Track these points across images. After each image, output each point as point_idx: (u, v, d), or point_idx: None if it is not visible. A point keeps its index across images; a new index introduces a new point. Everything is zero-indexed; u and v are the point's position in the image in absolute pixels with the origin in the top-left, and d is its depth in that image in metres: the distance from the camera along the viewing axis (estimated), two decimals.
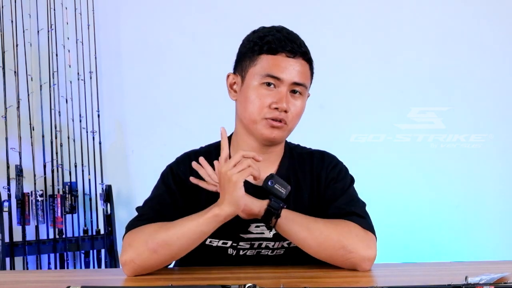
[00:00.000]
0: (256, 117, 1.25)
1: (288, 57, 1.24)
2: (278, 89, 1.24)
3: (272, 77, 1.23)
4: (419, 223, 2.82)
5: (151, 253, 1.17)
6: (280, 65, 1.23)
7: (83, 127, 2.69)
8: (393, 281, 1.17)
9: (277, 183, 1.24)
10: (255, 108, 1.24)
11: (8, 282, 1.23)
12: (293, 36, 1.27)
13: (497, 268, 1.16)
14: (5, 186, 2.55)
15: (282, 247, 1.30)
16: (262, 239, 1.29)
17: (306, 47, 1.29)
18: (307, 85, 1.28)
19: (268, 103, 1.23)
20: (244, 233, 1.28)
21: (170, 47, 2.80)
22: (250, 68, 1.26)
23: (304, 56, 1.27)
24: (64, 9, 2.67)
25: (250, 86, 1.25)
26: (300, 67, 1.25)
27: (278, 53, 1.24)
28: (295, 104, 1.26)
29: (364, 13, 2.85)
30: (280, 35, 1.26)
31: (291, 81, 1.24)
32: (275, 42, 1.24)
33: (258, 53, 1.25)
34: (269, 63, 1.24)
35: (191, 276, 1.22)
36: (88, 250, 2.65)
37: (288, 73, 1.23)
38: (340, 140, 2.71)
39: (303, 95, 1.28)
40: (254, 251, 1.30)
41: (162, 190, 1.31)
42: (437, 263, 1.38)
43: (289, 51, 1.24)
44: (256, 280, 1.14)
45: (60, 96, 2.66)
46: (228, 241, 1.29)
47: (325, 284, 1.06)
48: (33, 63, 2.64)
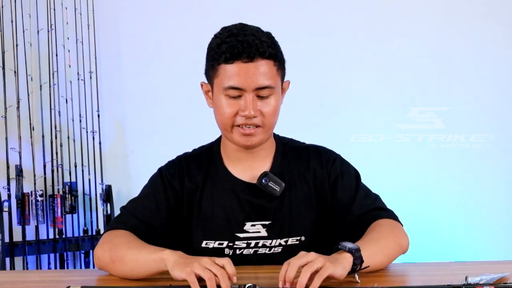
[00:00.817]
0: (228, 126, 1.24)
1: (246, 63, 1.20)
2: (243, 96, 1.21)
3: (233, 88, 1.21)
4: (419, 223, 2.81)
5: (110, 261, 1.19)
6: (239, 74, 1.20)
7: (83, 127, 2.69)
8: (393, 281, 1.17)
9: (271, 180, 1.24)
10: (225, 117, 1.23)
11: (8, 282, 1.23)
12: (248, 39, 1.20)
13: (497, 268, 1.16)
14: (5, 186, 2.55)
15: (279, 245, 1.30)
16: (259, 237, 1.29)
17: (265, 43, 1.21)
18: (273, 85, 1.23)
19: (235, 111, 1.22)
20: (240, 233, 1.28)
21: (170, 47, 2.80)
22: (215, 79, 1.25)
23: (263, 55, 1.21)
24: (64, 9, 2.67)
25: (218, 95, 1.24)
26: (261, 69, 1.21)
27: (234, 61, 1.20)
28: (267, 103, 1.23)
29: (364, 13, 2.84)
30: (235, 41, 1.20)
31: (254, 87, 1.21)
32: (229, 51, 1.20)
33: (218, 63, 1.22)
34: (228, 73, 1.21)
35: None
36: (88, 250, 2.66)
37: (248, 80, 1.20)
38: (340, 140, 2.71)
39: (273, 93, 1.24)
40: (251, 250, 1.30)
41: (148, 193, 1.33)
42: (437, 263, 1.38)
43: (245, 57, 1.19)
44: (256, 280, 1.14)
45: (60, 96, 2.66)
46: (224, 242, 1.29)
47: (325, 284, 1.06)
48: (33, 63, 2.64)
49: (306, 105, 2.68)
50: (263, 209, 1.29)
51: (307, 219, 1.31)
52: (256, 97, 1.22)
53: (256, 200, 1.29)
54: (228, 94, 1.22)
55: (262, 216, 1.29)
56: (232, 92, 1.21)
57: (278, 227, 1.29)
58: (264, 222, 1.29)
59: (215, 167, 1.33)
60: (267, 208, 1.29)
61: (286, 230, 1.29)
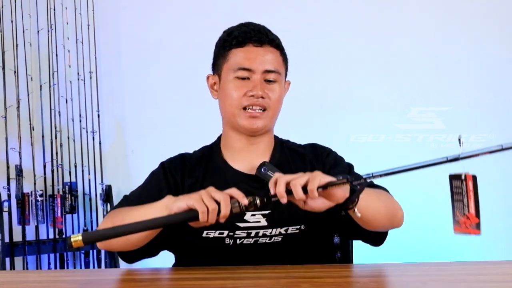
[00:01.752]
0: (235, 109, 1.29)
1: (256, 47, 1.30)
2: (251, 79, 1.29)
3: (244, 69, 1.29)
4: (419, 223, 2.81)
5: (111, 225, 1.17)
6: (249, 56, 1.29)
7: (83, 127, 2.69)
8: (393, 281, 1.17)
9: (269, 169, 1.27)
10: (233, 100, 1.29)
11: (8, 282, 1.23)
12: (259, 27, 1.32)
13: (497, 268, 1.16)
14: (5, 186, 2.55)
15: (279, 234, 1.31)
16: (259, 227, 1.30)
17: (274, 35, 1.33)
18: (280, 71, 1.32)
19: (244, 92, 1.28)
20: (240, 222, 1.29)
21: (170, 47, 2.80)
22: (224, 65, 1.32)
23: (271, 43, 1.31)
24: (64, 9, 2.67)
25: (226, 81, 1.31)
26: (270, 55, 1.30)
27: (245, 44, 1.30)
28: (272, 89, 1.30)
29: (364, 13, 2.85)
30: (246, 28, 1.31)
31: (262, 70, 1.29)
32: (241, 35, 1.30)
33: (228, 48, 1.31)
34: (239, 56, 1.30)
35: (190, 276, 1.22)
36: (88, 250, 2.66)
37: (258, 62, 1.29)
38: (340, 140, 2.71)
39: (279, 81, 1.32)
40: (251, 239, 1.30)
41: (149, 181, 1.36)
42: (437, 263, 1.38)
43: (255, 40, 1.29)
44: (256, 280, 1.14)
45: (60, 96, 2.66)
46: (224, 231, 1.29)
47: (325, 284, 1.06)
48: (33, 63, 2.65)
49: (306, 105, 2.68)
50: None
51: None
52: (263, 81, 1.29)
53: (256, 191, 1.28)
54: (237, 76, 1.29)
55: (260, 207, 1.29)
56: (242, 73, 1.28)
57: (278, 216, 1.30)
58: (264, 212, 1.30)
59: (215, 161, 1.36)
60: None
61: (286, 219, 1.30)
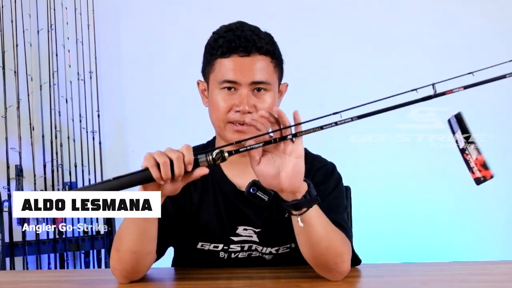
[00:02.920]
0: (221, 122, 1.22)
1: (242, 57, 1.20)
2: (238, 91, 1.20)
3: (229, 82, 1.20)
4: (419, 223, 2.82)
5: (115, 252, 1.15)
6: (234, 68, 1.19)
7: (83, 127, 2.69)
8: (393, 281, 1.17)
9: (259, 190, 1.19)
10: (219, 114, 1.21)
11: (8, 282, 1.23)
12: (246, 34, 1.20)
13: (497, 268, 1.16)
14: (5, 186, 2.55)
15: (270, 253, 1.29)
16: (251, 241, 1.28)
17: (263, 40, 1.21)
18: (270, 81, 1.22)
19: (230, 106, 1.20)
20: (233, 236, 1.27)
21: (170, 47, 2.80)
22: (210, 74, 1.24)
23: (260, 51, 1.20)
24: (64, 9, 2.67)
25: (213, 91, 1.23)
26: (258, 64, 1.20)
27: (231, 55, 1.20)
28: (263, 100, 1.21)
29: (365, 13, 2.85)
30: (232, 35, 1.20)
31: (249, 81, 1.20)
32: (226, 45, 1.20)
33: (214, 57, 1.22)
34: (224, 67, 1.20)
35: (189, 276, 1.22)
36: (88, 250, 2.65)
37: (244, 74, 1.19)
38: (340, 140, 2.71)
39: (270, 90, 1.22)
40: (245, 253, 1.29)
41: None
42: (437, 263, 1.38)
43: (242, 51, 1.19)
44: (256, 280, 1.14)
45: (60, 96, 2.66)
46: (219, 245, 1.27)
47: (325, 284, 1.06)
48: (33, 63, 2.64)
49: (306, 105, 2.67)
50: (251, 218, 1.27)
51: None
52: (251, 93, 1.20)
53: (245, 208, 1.26)
54: (223, 88, 1.20)
55: (252, 223, 1.27)
56: (227, 84, 1.20)
57: (267, 237, 1.27)
58: (255, 229, 1.27)
59: (212, 167, 1.30)
60: (256, 217, 1.27)
61: (275, 239, 1.27)
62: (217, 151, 1.01)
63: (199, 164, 1.01)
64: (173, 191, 1.03)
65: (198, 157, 1.01)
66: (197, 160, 1.01)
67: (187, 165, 1.01)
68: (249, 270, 1.24)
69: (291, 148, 1.05)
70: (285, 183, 1.05)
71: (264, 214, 1.26)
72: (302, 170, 1.06)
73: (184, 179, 1.03)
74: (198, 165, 1.02)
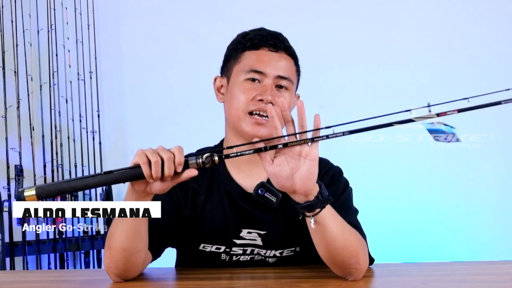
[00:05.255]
0: (241, 112, 1.22)
1: (271, 51, 1.25)
2: (262, 82, 1.23)
3: (256, 72, 1.23)
4: (419, 223, 2.82)
5: (107, 250, 1.15)
6: (263, 59, 1.24)
7: (83, 127, 2.69)
8: (393, 281, 1.17)
9: (267, 191, 1.16)
10: (240, 103, 1.23)
11: (8, 282, 1.23)
12: (275, 33, 1.28)
13: (497, 268, 1.16)
14: (5, 186, 2.55)
15: (274, 256, 1.29)
16: (255, 245, 1.28)
17: (289, 43, 1.29)
18: (292, 80, 1.27)
19: (252, 96, 1.22)
20: (236, 239, 1.27)
21: (170, 47, 2.80)
22: (235, 66, 1.27)
23: (287, 50, 1.27)
24: (64, 9, 2.67)
25: (235, 83, 1.25)
26: (284, 61, 1.26)
27: (260, 48, 1.25)
28: (282, 96, 1.23)
29: (364, 13, 2.85)
30: (262, 32, 1.27)
31: (275, 75, 1.24)
32: (257, 38, 1.26)
33: (242, 50, 1.26)
34: (252, 58, 1.25)
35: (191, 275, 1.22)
36: (88, 250, 2.65)
37: (271, 67, 1.24)
38: (340, 140, 2.71)
39: (290, 90, 1.26)
40: (247, 256, 1.29)
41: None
42: (437, 263, 1.38)
43: (271, 45, 1.25)
44: (256, 280, 1.14)
45: (60, 96, 2.67)
46: (222, 247, 1.27)
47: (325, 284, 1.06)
48: (33, 63, 2.65)
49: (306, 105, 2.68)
50: (257, 219, 1.26)
51: (302, 229, 1.21)
52: (274, 87, 1.24)
53: (252, 210, 1.26)
54: (249, 77, 1.23)
55: (257, 226, 1.27)
56: (253, 75, 1.23)
57: (273, 239, 1.27)
58: (259, 232, 1.27)
59: (218, 169, 1.30)
60: (262, 218, 1.27)
61: (281, 242, 1.27)
62: (207, 154, 1.02)
63: (189, 166, 1.02)
64: (161, 190, 1.04)
65: (189, 159, 1.02)
66: (187, 162, 1.02)
67: (177, 166, 1.01)
68: (251, 270, 1.24)
69: (307, 151, 1.06)
70: (299, 185, 1.06)
71: (271, 216, 1.27)
72: (316, 173, 1.07)
73: (173, 180, 1.03)
74: (188, 167, 1.02)
